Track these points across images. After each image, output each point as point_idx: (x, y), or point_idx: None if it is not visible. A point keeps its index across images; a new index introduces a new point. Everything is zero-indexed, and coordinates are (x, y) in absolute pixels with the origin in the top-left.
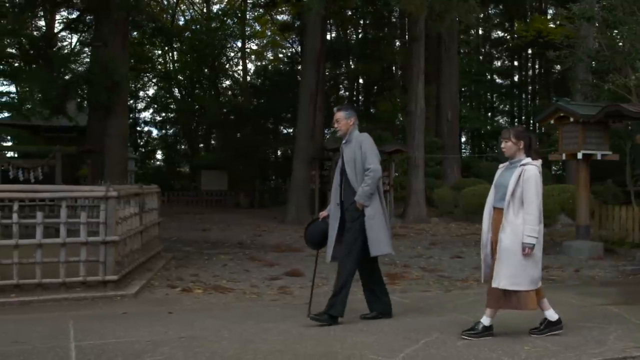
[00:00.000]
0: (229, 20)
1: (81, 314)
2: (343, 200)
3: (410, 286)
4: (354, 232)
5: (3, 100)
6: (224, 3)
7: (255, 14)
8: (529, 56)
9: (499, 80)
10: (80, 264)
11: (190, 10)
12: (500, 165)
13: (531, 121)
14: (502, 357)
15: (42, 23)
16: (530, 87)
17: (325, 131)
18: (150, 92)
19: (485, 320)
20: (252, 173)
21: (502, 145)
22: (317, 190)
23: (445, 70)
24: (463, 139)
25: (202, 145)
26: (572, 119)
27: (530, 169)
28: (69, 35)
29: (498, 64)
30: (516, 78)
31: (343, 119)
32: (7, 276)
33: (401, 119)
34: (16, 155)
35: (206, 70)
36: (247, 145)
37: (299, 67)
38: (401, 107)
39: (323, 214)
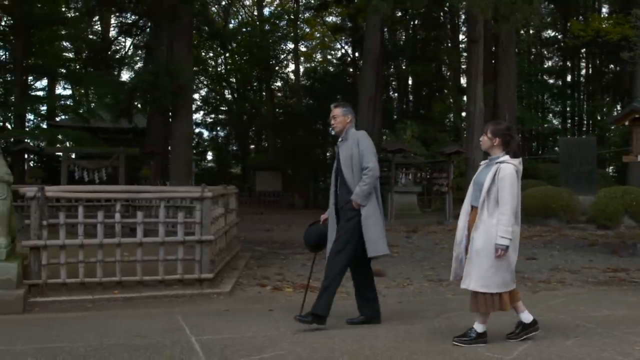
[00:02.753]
0: (280, 22)
1: (185, 310)
2: (339, 200)
3: None
4: (347, 231)
5: (64, 103)
6: (274, 6)
7: (305, 15)
8: (582, 56)
9: (550, 81)
10: (178, 262)
11: (241, 13)
12: (481, 162)
13: (584, 121)
14: (616, 357)
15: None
16: (583, 88)
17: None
18: (201, 93)
19: (478, 327)
20: (306, 174)
21: (480, 138)
22: None
23: (502, 71)
24: None
25: (252, 146)
26: None
27: (506, 168)
28: (123, 39)
29: (549, 63)
30: (568, 78)
31: (340, 115)
32: (110, 273)
33: (452, 119)
34: (73, 156)
35: (256, 72)
36: (301, 146)
37: (350, 69)
38: (454, 108)
39: (324, 216)
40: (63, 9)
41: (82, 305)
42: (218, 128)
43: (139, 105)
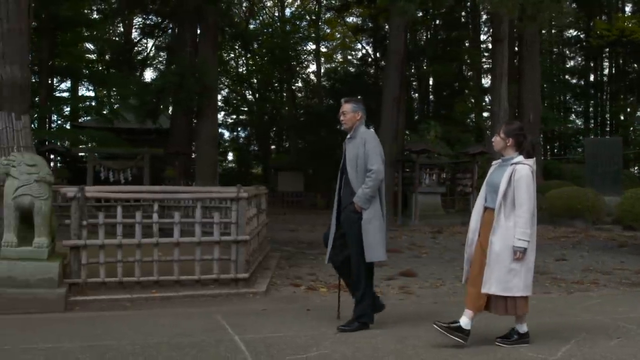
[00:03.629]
0: (301, 23)
1: (223, 309)
2: (342, 200)
3: None
4: (354, 237)
5: (87, 104)
6: (294, 7)
7: (326, 16)
8: (605, 55)
9: (573, 81)
10: (214, 262)
11: (262, 14)
12: (494, 162)
13: (607, 122)
14: None
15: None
16: (606, 88)
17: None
18: (222, 94)
19: (464, 322)
20: (327, 174)
21: (493, 138)
22: (400, 192)
23: (526, 71)
24: None
25: (273, 146)
26: None
27: (522, 169)
28: (145, 40)
29: (571, 63)
30: (591, 78)
31: (350, 112)
32: (148, 273)
33: (474, 119)
34: (96, 156)
35: (277, 73)
36: (322, 146)
37: (370, 69)
38: (476, 108)
39: None
40: (86, 11)
41: (121, 304)
42: (239, 129)
43: (163, 107)
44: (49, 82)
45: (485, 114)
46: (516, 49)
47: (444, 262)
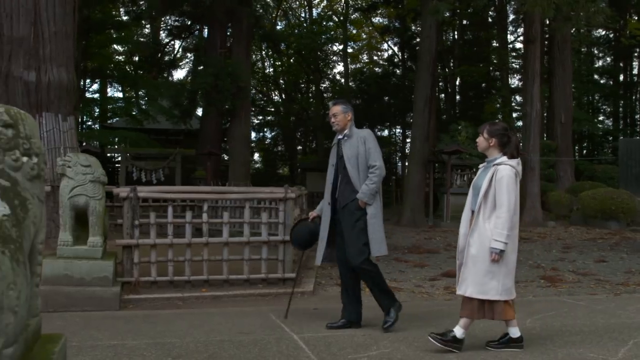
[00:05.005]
0: (328, 24)
1: (275, 308)
2: (338, 198)
3: (573, 289)
4: (359, 232)
5: (118, 105)
6: (320, 8)
7: (352, 17)
8: (636, 55)
9: (602, 81)
10: (262, 262)
11: (290, 15)
12: (480, 165)
13: (637, 122)
14: None
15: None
16: (638, 88)
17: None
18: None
19: (458, 331)
20: None
21: (477, 139)
22: (432, 193)
23: (557, 71)
24: None
25: (299, 147)
26: None
27: (503, 169)
28: (172, 42)
29: (599, 63)
30: (621, 78)
31: (340, 113)
32: (197, 272)
33: (502, 120)
34: (128, 156)
35: (305, 74)
36: None
37: (397, 70)
38: (506, 109)
39: (313, 214)
40: (114, 13)
41: (173, 303)
42: (265, 129)
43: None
44: (81, 84)
45: (514, 115)
46: (546, 49)
47: None
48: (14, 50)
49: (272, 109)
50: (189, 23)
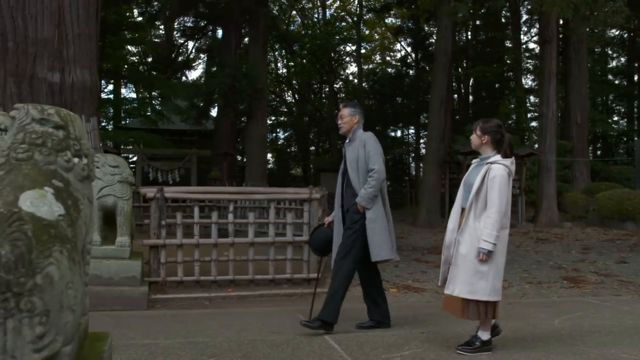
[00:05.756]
0: (342, 24)
1: (301, 308)
2: (344, 203)
3: (597, 290)
4: (351, 235)
5: (133, 106)
6: (333, 9)
7: (365, 17)
8: None
9: (616, 81)
10: (287, 262)
11: (303, 16)
12: (473, 161)
13: None
14: None
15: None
16: None
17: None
18: None
19: (482, 334)
20: None
21: (471, 136)
22: (447, 193)
23: (573, 71)
24: None
25: (312, 148)
26: None
27: (496, 169)
28: (185, 42)
29: (613, 63)
30: (635, 78)
31: (347, 115)
32: (223, 272)
33: (515, 120)
34: (145, 157)
35: (318, 75)
36: None
37: (410, 71)
38: (522, 110)
39: (328, 219)
40: (127, 14)
41: (200, 303)
42: (278, 130)
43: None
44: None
45: (528, 115)
46: (560, 50)
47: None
48: (39, 51)
49: (285, 110)
50: (204, 24)
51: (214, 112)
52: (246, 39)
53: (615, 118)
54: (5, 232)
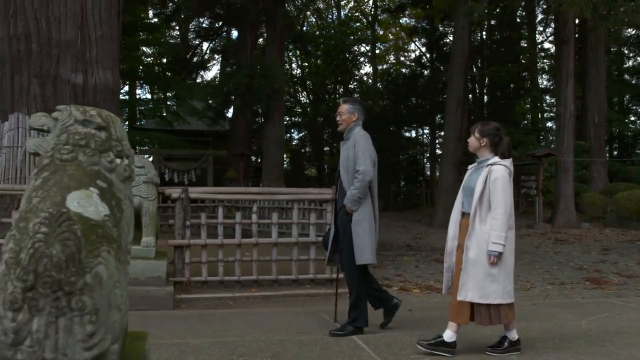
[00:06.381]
0: (356, 25)
1: (325, 308)
2: (337, 202)
3: (621, 291)
4: (346, 239)
5: (149, 106)
6: (347, 9)
7: (380, 17)
8: None
9: (632, 81)
10: (310, 262)
11: (317, 16)
12: (470, 166)
13: None
14: None
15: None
16: None
17: None
18: None
19: (447, 335)
20: (384, 175)
21: (468, 139)
22: None
23: (591, 72)
24: None
25: (327, 148)
26: None
27: (497, 170)
28: (199, 43)
29: (629, 63)
30: None
31: (346, 112)
32: (246, 272)
33: (530, 120)
34: (159, 157)
35: (333, 75)
36: (378, 148)
37: (425, 71)
38: (538, 110)
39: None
40: (142, 15)
41: (224, 303)
42: (292, 130)
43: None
44: None
45: (545, 115)
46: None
47: (524, 264)
48: (62, 53)
49: (300, 110)
50: (219, 25)
51: (229, 113)
52: (260, 40)
53: (632, 118)
54: (55, 232)
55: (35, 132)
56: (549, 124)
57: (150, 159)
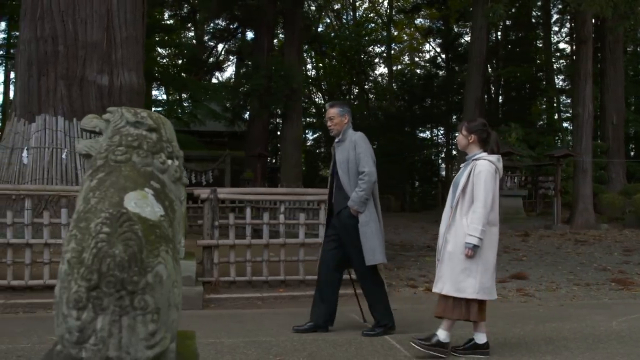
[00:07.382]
0: (371, 25)
1: (353, 309)
2: (334, 203)
3: None
4: (354, 242)
5: (166, 107)
6: (362, 9)
7: (394, 18)
8: None
9: None
10: None
11: (330, 17)
12: (461, 165)
13: None
14: None
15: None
16: None
17: None
18: None
19: (441, 334)
20: (400, 176)
21: (457, 137)
22: None
23: (609, 72)
24: None
25: None
26: None
27: (482, 164)
28: (214, 44)
29: None
30: None
31: (337, 116)
32: (274, 272)
33: (546, 121)
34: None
35: (349, 76)
36: (394, 148)
37: (440, 72)
38: (554, 110)
39: None
40: (160, 17)
41: (253, 303)
42: (307, 131)
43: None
44: None
45: (562, 116)
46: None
47: (547, 265)
48: (88, 54)
49: (314, 111)
50: (234, 26)
51: (247, 114)
52: (275, 41)
53: None
54: (117, 232)
55: (86, 134)
56: (565, 124)
57: None
